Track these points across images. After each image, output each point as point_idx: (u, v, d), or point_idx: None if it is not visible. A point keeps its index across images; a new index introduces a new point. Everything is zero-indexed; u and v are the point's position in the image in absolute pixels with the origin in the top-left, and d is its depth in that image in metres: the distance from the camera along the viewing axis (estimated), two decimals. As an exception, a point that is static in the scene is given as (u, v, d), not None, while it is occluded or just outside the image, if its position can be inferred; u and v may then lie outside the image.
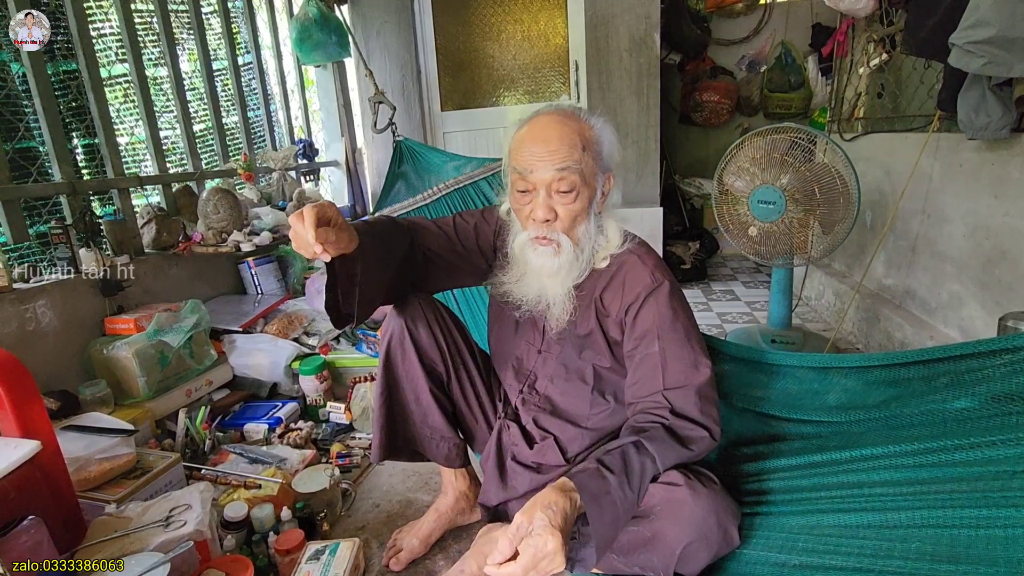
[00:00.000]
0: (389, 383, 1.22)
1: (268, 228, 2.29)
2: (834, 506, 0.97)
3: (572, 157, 1.00)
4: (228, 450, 1.68)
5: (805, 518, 0.98)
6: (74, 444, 1.31)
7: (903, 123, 2.34)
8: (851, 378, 1.15)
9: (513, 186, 1.07)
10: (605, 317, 1.10)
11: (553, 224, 1.03)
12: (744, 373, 1.32)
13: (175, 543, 1.08)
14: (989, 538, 0.77)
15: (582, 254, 1.07)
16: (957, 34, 1.49)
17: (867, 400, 1.10)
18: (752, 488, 1.09)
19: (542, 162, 1.00)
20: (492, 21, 3.32)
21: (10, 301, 1.55)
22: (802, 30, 3.74)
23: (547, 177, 1.00)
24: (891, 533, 0.87)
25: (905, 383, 1.06)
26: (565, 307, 1.09)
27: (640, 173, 3.18)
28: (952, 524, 0.81)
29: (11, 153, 1.71)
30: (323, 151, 3.30)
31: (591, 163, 1.03)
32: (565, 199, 1.02)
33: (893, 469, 0.93)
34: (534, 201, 1.03)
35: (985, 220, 1.79)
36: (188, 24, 2.38)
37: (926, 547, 0.82)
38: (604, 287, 1.10)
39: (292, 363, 2.02)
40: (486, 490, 1.23)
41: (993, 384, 0.91)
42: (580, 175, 1.01)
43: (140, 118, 2.14)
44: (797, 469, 1.06)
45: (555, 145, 1.00)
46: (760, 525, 1.02)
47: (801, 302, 3.01)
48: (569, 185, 1.00)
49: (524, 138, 1.04)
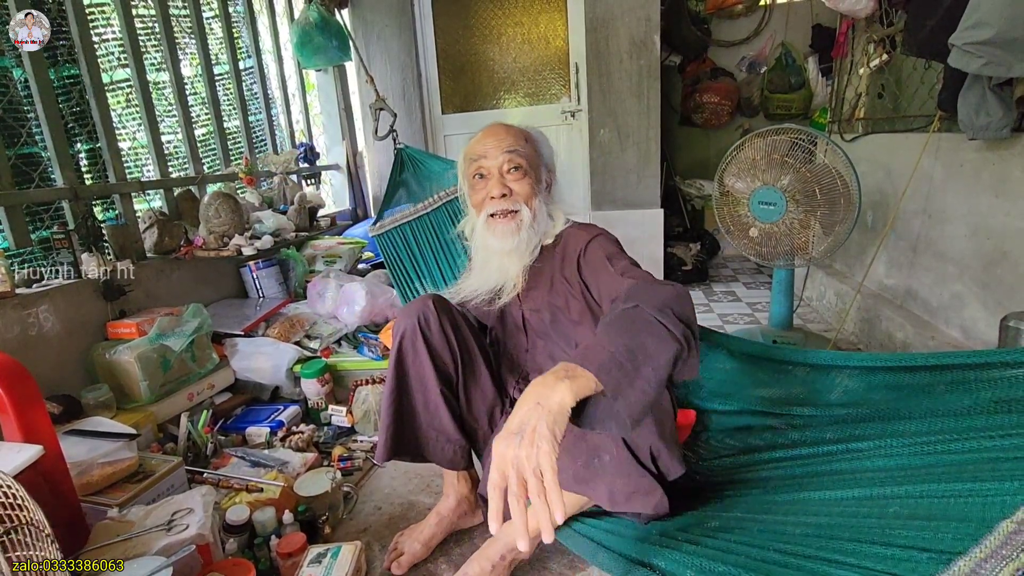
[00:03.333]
0: (399, 382, 1.23)
1: (269, 232, 2.29)
2: (822, 485, 0.98)
3: (518, 143, 1.20)
4: (230, 453, 1.68)
5: (791, 494, 1.01)
6: (77, 448, 1.31)
7: (904, 123, 2.34)
8: (854, 379, 1.17)
9: (470, 178, 1.24)
10: (570, 282, 1.21)
11: (511, 197, 1.18)
12: (747, 372, 1.33)
13: (177, 547, 1.08)
14: (967, 503, 0.77)
15: (538, 227, 1.22)
16: (957, 35, 1.49)
17: (867, 397, 1.11)
18: (748, 477, 1.12)
19: (493, 149, 1.19)
20: (492, 24, 3.33)
21: (13, 306, 1.56)
22: (802, 31, 3.74)
23: (499, 160, 1.19)
24: (871, 502, 0.88)
25: (908, 388, 1.07)
26: (518, 283, 1.26)
27: (641, 175, 3.18)
28: (935, 495, 0.82)
29: (14, 159, 1.71)
30: (324, 155, 3.31)
31: (533, 154, 1.23)
32: (516, 176, 1.19)
33: (887, 457, 0.95)
34: (489, 183, 1.20)
35: (986, 220, 1.79)
36: (189, 29, 2.39)
37: (903, 510, 0.83)
38: (560, 261, 1.24)
39: (294, 366, 2.03)
40: (484, 479, 1.25)
41: (997, 392, 0.91)
42: (526, 159, 1.20)
43: (142, 123, 2.15)
44: (792, 460, 1.09)
45: (502, 136, 1.21)
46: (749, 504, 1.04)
47: (802, 303, 3.00)
48: (517, 164, 1.19)
49: (476, 138, 1.25)
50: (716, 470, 1.22)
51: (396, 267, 1.99)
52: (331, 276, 2.29)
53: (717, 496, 1.12)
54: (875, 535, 0.80)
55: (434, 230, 1.85)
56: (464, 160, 1.26)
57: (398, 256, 1.92)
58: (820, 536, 0.85)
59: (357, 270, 2.66)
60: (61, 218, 1.83)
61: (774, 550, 0.86)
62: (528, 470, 0.70)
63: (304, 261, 2.53)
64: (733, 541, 0.91)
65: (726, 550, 0.89)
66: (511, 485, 0.70)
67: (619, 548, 1.00)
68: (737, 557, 0.87)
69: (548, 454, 0.70)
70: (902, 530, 0.78)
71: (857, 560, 0.77)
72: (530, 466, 0.70)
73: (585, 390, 0.75)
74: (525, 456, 0.70)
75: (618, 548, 1.00)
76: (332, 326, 2.18)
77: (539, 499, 0.69)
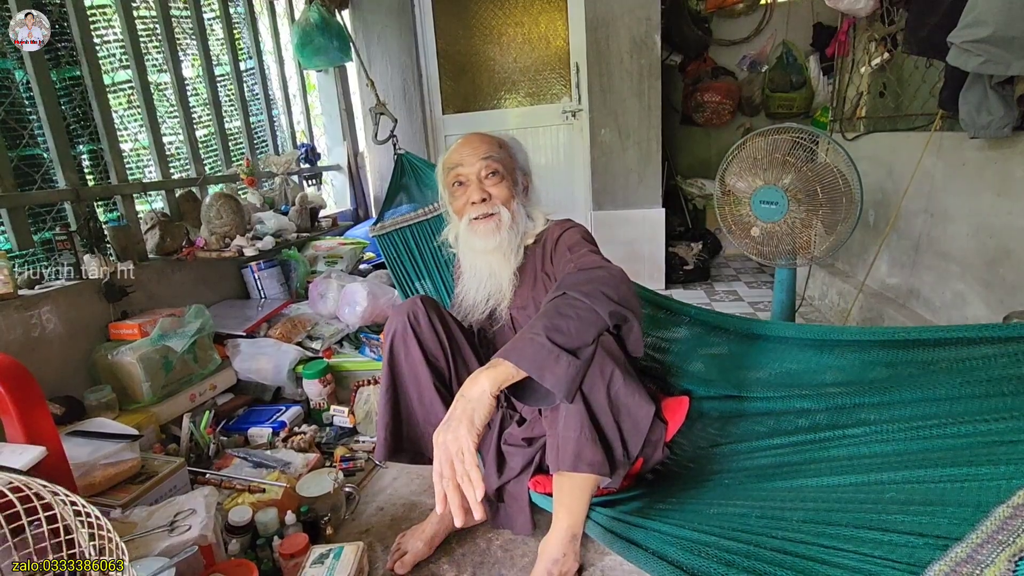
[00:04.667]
0: (393, 380, 1.26)
1: (271, 232, 2.29)
2: (819, 471, 0.99)
3: (492, 150, 1.26)
4: (232, 454, 1.69)
5: (787, 481, 1.02)
6: (79, 449, 1.31)
7: (905, 122, 2.33)
8: (847, 357, 1.17)
9: (449, 186, 1.30)
10: (550, 277, 1.28)
11: (490, 201, 1.24)
12: (743, 353, 1.35)
13: (180, 548, 1.08)
14: (964, 488, 0.78)
15: (518, 228, 1.28)
16: (955, 33, 1.49)
17: (862, 377, 1.11)
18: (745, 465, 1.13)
19: (470, 156, 1.25)
20: (493, 24, 3.33)
21: (15, 307, 1.56)
22: (803, 30, 3.74)
23: (476, 166, 1.24)
24: (868, 488, 0.89)
25: (903, 366, 1.06)
26: (507, 291, 1.30)
27: (642, 175, 3.18)
28: (931, 480, 0.83)
29: (16, 160, 1.72)
30: (325, 155, 3.31)
31: (508, 159, 1.28)
32: (493, 181, 1.25)
33: (883, 443, 0.95)
34: (469, 189, 1.25)
35: (988, 219, 1.79)
36: (190, 30, 2.40)
37: (900, 496, 0.83)
38: (540, 258, 1.30)
39: (296, 367, 2.03)
40: (486, 477, 1.26)
41: (992, 372, 0.90)
42: (501, 164, 1.25)
43: (143, 124, 2.15)
44: (788, 447, 1.10)
45: (477, 144, 1.27)
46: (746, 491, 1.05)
47: (804, 302, 3.00)
48: (494, 170, 1.24)
49: (453, 148, 1.31)
50: (713, 457, 1.22)
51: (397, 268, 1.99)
52: (332, 277, 2.29)
53: (714, 484, 1.13)
54: (872, 521, 0.81)
55: (434, 235, 1.86)
56: (442, 170, 1.33)
57: (399, 257, 1.93)
58: (818, 522, 0.86)
59: (358, 271, 2.66)
60: (63, 219, 1.83)
61: (772, 536, 0.87)
62: (452, 453, 0.83)
63: (305, 262, 2.53)
64: (732, 528, 0.92)
65: (726, 536, 0.90)
66: (439, 466, 0.82)
67: (629, 536, 1.01)
68: (736, 544, 0.88)
69: (464, 437, 0.84)
70: (899, 515, 0.79)
71: (854, 546, 0.78)
72: (453, 449, 0.83)
73: (504, 377, 0.89)
74: (450, 440, 0.84)
75: (628, 535, 1.01)
76: (334, 327, 2.18)
77: (463, 480, 0.82)
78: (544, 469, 1.18)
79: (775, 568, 0.81)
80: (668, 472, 1.24)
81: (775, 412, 1.22)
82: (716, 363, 1.40)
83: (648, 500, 1.12)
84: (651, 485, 1.21)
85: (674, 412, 1.24)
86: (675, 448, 1.27)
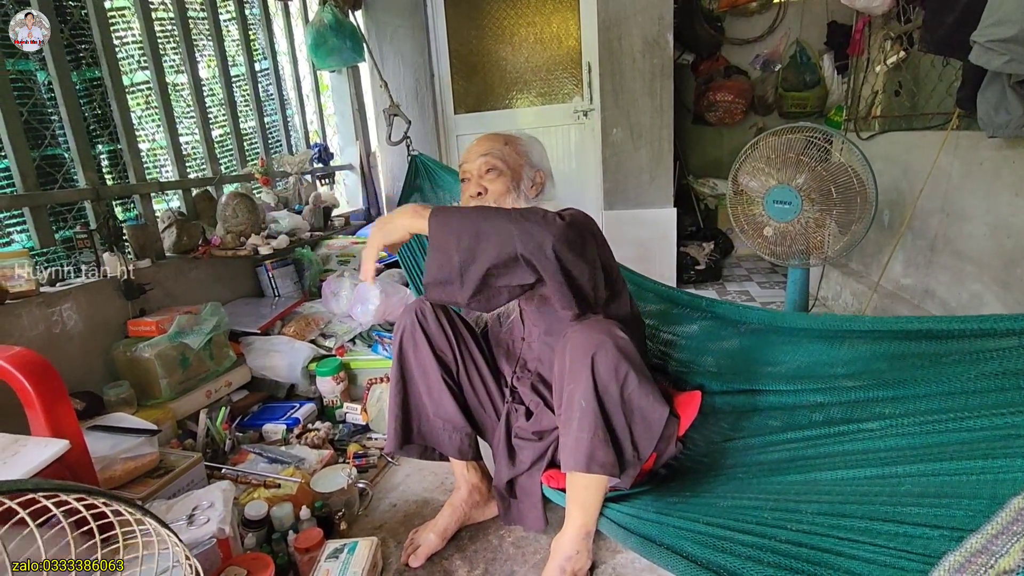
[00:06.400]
0: (403, 374, 1.31)
1: (285, 231, 2.31)
2: (833, 465, 0.99)
3: (494, 149, 1.28)
4: (248, 450, 1.71)
5: (802, 475, 1.02)
6: (100, 444, 1.34)
7: (921, 121, 2.31)
8: (860, 350, 1.15)
9: (461, 183, 1.34)
10: None
11: (484, 196, 1.26)
12: (756, 347, 1.35)
13: (198, 541, 1.10)
14: (979, 481, 0.77)
15: None
16: (978, 32, 1.47)
17: (876, 370, 1.10)
18: (759, 459, 1.13)
19: (473, 154, 1.29)
20: (505, 24, 3.33)
21: (37, 304, 1.60)
22: (817, 28, 3.71)
23: (476, 163, 1.27)
24: (883, 481, 0.89)
25: (918, 358, 1.05)
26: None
27: (654, 174, 3.17)
28: (946, 473, 0.82)
29: (38, 160, 1.75)
30: (338, 155, 3.33)
31: (515, 155, 1.29)
32: (491, 177, 1.27)
33: (897, 436, 0.95)
34: (470, 185, 1.29)
35: (1006, 219, 1.77)
36: (207, 31, 2.43)
37: (915, 489, 0.84)
38: None
39: (309, 365, 2.05)
40: (497, 472, 1.30)
41: (1008, 365, 0.89)
42: (501, 160, 1.27)
43: (161, 124, 2.18)
44: (802, 441, 1.10)
45: (482, 142, 1.31)
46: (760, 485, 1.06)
47: (818, 302, 2.98)
48: (492, 166, 1.27)
49: (466, 147, 1.36)
50: (726, 452, 1.22)
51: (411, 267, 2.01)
52: (345, 275, 2.31)
53: (728, 478, 1.13)
54: (887, 513, 0.81)
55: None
56: (459, 169, 1.39)
57: (412, 257, 1.94)
58: (832, 514, 0.86)
59: (371, 269, 2.67)
60: (83, 218, 1.87)
61: (787, 528, 0.87)
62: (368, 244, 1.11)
63: (318, 261, 2.55)
64: (746, 522, 0.92)
65: (740, 530, 0.91)
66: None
67: (644, 532, 1.02)
68: (752, 538, 0.88)
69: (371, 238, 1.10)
70: (914, 508, 0.79)
71: (869, 537, 0.78)
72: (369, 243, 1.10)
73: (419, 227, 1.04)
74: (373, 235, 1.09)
75: (643, 531, 1.02)
76: (347, 325, 2.20)
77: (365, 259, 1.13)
78: (557, 464, 1.19)
79: (790, 560, 0.81)
80: (681, 467, 1.24)
81: (788, 406, 1.21)
82: (728, 357, 1.40)
83: (662, 495, 1.12)
84: (664, 480, 1.21)
85: (686, 407, 1.24)
86: (688, 443, 1.27)
